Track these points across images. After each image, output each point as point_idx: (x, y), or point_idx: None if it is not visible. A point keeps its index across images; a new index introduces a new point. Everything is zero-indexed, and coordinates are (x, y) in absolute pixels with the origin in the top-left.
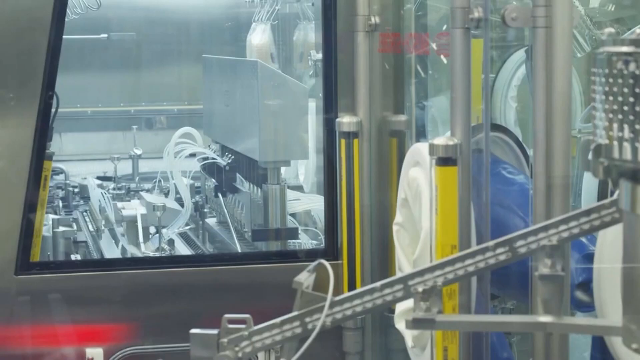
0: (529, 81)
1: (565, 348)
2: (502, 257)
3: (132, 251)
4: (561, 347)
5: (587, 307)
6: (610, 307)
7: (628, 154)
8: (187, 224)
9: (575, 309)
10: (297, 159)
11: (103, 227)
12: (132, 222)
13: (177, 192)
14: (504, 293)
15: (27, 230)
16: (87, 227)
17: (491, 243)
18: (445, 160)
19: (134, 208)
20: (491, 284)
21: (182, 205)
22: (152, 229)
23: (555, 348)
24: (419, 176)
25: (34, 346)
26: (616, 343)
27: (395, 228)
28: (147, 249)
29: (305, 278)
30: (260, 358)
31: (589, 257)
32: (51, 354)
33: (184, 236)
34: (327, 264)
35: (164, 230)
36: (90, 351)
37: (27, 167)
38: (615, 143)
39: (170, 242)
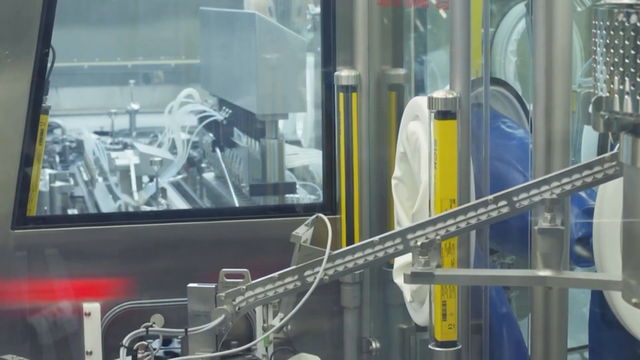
0: (529, 35)
1: (564, 303)
2: (501, 211)
3: (126, 200)
4: (560, 302)
5: (587, 262)
6: (609, 262)
7: (629, 107)
8: (179, 173)
9: (575, 264)
10: (295, 111)
11: (97, 177)
12: (125, 171)
13: (173, 146)
14: (503, 248)
15: (24, 184)
16: (83, 179)
17: (491, 197)
18: (444, 114)
19: (127, 158)
20: (490, 238)
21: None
22: (146, 179)
23: (555, 303)
24: (418, 130)
25: (31, 301)
26: (615, 298)
27: (394, 182)
28: (140, 198)
29: (303, 232)
30: (257, 312)
31: (588, 212)
32: (48, 308)
33: (181, 191)
34: (325, 217)
35: (157, 180)
36: (87, 306)
37: (23, 121)
38: (616, 96)
39: (163, 191)
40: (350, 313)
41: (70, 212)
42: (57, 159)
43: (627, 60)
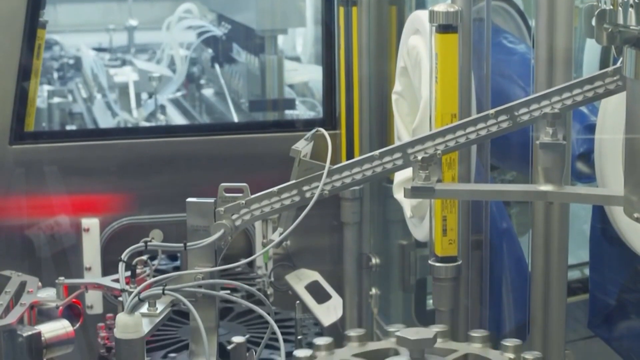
0: None
1: (565, 219)
2: (502, 125)
3: (125, 117)
4: (561, 218)
5: (588, 178)
6: (611, 178)
7: (632, 20)
8: (178, 90)
9: (576, 180)
10: (295, 27)
11: (95, 94)
12: (124, 88)
13: (172, 63)
14: (504, 164)
15: (21, 99)
16: (82, 96)
17: (492, 111)
18: (445, 28)
19: (126, 75)
20: (491, 154)
21: (174, 72)
22: (145, 95)
23: (555, 219)
24: (419, 44)
25: (30, 217)
26: (617, 213)
27: (394, 97)
28: (139, 115)
29: (303, 146)
30: (257, 228)
31: (590, 128)
32: (47, 224)
33: (180, 106)
34: (324, 132)
35: (156, 96)
36: (86, 221)
37: (20, 35)
38: (620, 9)
39: (162, 108)
40: (350, 229)
41: (68, 128)
42: (56, 75)
43: None
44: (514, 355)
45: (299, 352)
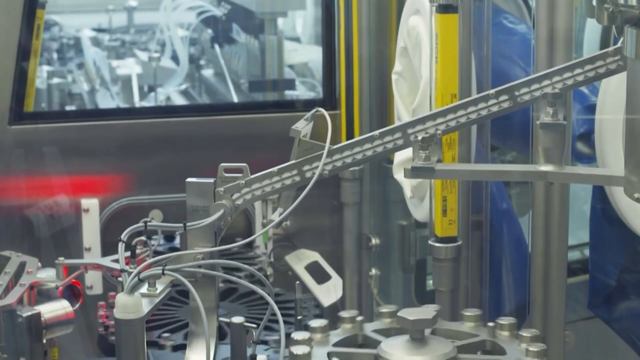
0: None
1: (565, 200)
2: (503, 105)
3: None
4: (561, 199)
5: (588, 159)
6: (611, 158)
7: (634, 0)
8: (182, 83)
9: (576, 161)
10: (294, 9)
11: (98, 87)
12: (126, 80)
13: (173, 50)
14: (504, 144)
15: (20, 79)
16: (82, 80)
17: (492, 91)
18: (446, 8)
19: (128, 67)
20: (491, 135)
21: (177, 63)
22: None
23: (556, 199)
24: (419, 24)
25: (29, 198)
26: (617, 194)
27: (394, 77)
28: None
29: (302, 126)
30: (257, 208)
31: (590, 108)
32: (47, 205)
33: (183, 91)
34: (324, 111)
35: (159, 89)
36: (85, 202)
37: (19, 16)
38: None
39: (166, 101)
40: (350, 209)
41: (68, 109)
42: (55, 56)
43: None
44: (526, 346)
45: (296, 335)
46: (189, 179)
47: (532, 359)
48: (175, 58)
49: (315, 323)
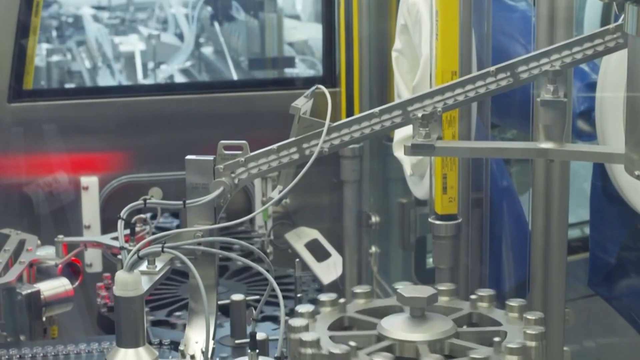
0: None
1: (565, 178)
2: (503, 83)
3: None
4: (562, 177)
5: (588, 137)
6: (611, 136)
7: None
8: (187, 60)
9: (577, 139)
10: None
11: (100, 65)
12: (129, 58)
13: (176, 26)
14: (504, 122)
15: (20, 56)
16: (82, 58)
17: (492, 68)
18: None
19: (131, 44)
20: (491, 112)
21: (181, 40)
22: (151, 65)
23: (556, 178)
24: (419, 1)
25: (29, 176)
26: (618, 172)
27: (394, 55)
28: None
29: (302, 103)
30: (256, 186)
31: (590, 86)
32: (46, 183)
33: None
34: (324, 89)
35: (163, 67)
36: (85, 180)
37: None
38: None
39: (170, 78)
40: (350, 187)
41: (67, 86)
42: (54, 34)
43: None
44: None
45: (301, 307)
46: (188, 157)
47: (533, 326)
48: (178, 35)
49: (303, 308)
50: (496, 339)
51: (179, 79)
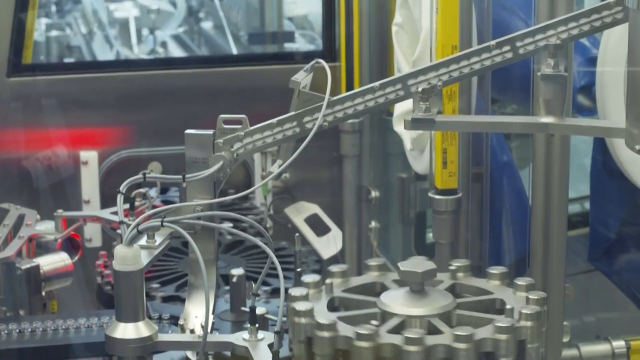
0: None
1: (566, 152)
2: (504, 56)
3: (126, 54)
4: (562, 152)
5: (589, 112)
6: (612, 111)
7: None
8: (180, 25)
9: (577, 114)
10: None
11: (95, 30)
12: (124, 24)
13: None
14: (505, 96)
15: (19, 30)
16: (80, 30)
17: (493, 42)
18: None
19: (126, 10)
20: (492, 87)
21: (175, 7)
22: (145, 31)
23: (556, 152)
24: None
25: (28, 150)
26: (618, 147)
27: (394, 29)
28: (140, 52)
29: (302, 77)
30: (256, 161)
31: (591, 61)
32: (46, 157)
33: (178, 40)
34: (324, 63)
35: (157, 32)
36: (84, 154)
37: None
38: None
39: (164, 45)
40: (350, 161)
41: (66, 61)
42: (53, 8)
43: None
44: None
45: (307, 277)
46: (188, 131)
47: (533, 306)
48: (172, 2)
49: (309, 278)
50: (508, 306)
51: (179, 52)
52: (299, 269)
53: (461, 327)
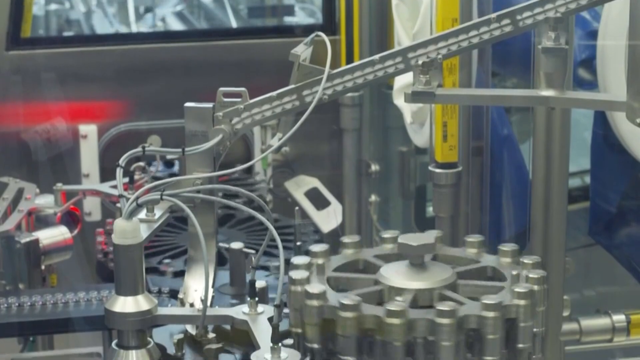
0: None
1: (566, 126)
2: (505, 29)
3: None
4: (562, 125)
5: (590, 85)
6: (613, 84)
7: None
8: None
9: (578, 87)
10: None
11: (94, 9)
12: (122, 2)
13: None
14: (505, 70)
15: (17, 4)
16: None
17: (493, 15)
18: None
19: None
20: (492, 60)
21: None
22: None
23: (557, 126)
24: None
25: (27, 124)
26: (619, 121)
27: (394, 2)
28: (139, 29)
29: (302, 50)
30: (256, 134)
31: (592, 34)
32: (45, 131)
33: (178, 13)
34: (324, 36)
35: (157, 10)
36: (84, 128)
37: None
38: None
39: (163, 21)
40: (350, 135)
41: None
42: None
43: None
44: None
45: (296, 259)
46: (187, 104)
47: (526, 284)
48: None
49: (316, 248)
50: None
51: (178, 26)
52: (298, 243)
53: (444, 302)
